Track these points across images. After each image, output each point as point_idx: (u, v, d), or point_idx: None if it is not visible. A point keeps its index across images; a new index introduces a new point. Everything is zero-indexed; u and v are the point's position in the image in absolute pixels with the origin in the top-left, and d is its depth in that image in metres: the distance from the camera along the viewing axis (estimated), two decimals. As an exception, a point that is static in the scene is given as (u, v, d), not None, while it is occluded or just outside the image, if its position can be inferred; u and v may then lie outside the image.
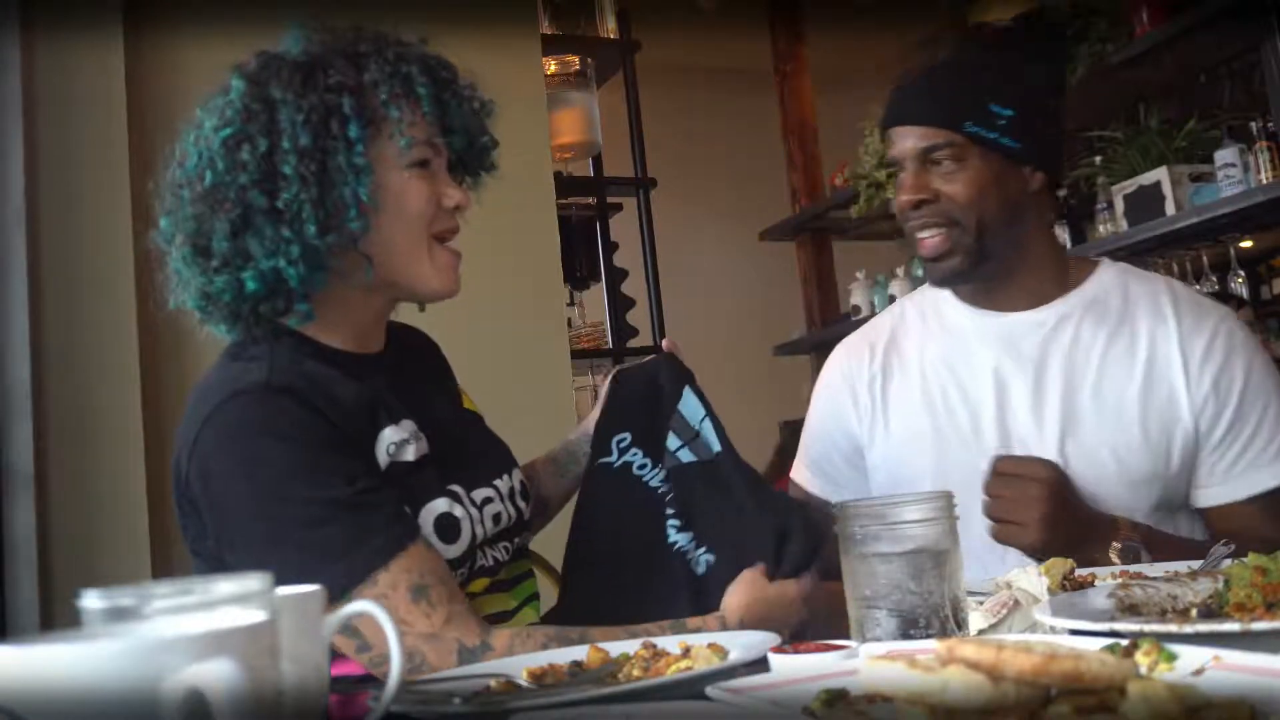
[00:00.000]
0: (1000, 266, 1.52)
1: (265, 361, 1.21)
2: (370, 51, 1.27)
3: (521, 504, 1.38)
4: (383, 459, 1.21)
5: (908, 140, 1.51)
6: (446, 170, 1.33)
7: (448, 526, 1.23)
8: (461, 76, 1.35)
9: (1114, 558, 1.29)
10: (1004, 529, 1.36)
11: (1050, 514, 1.34)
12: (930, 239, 1.50)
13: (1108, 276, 1.58)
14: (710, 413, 1.39)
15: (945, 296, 1.64)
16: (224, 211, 1.21)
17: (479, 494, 1.30)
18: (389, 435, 1.22)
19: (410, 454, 1.23)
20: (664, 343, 1.49)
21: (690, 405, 1.40)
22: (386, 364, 1.35)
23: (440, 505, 1.23)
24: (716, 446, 1.36)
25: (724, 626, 1.19)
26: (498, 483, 1.34)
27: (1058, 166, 1.57)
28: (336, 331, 1.30)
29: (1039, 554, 1.29)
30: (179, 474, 1.20)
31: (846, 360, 1.69)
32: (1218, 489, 1.48)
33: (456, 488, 1.27)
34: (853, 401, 1.65)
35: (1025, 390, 1.52)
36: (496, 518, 1.31)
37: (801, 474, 1.73)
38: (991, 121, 1.48)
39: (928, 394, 1.58)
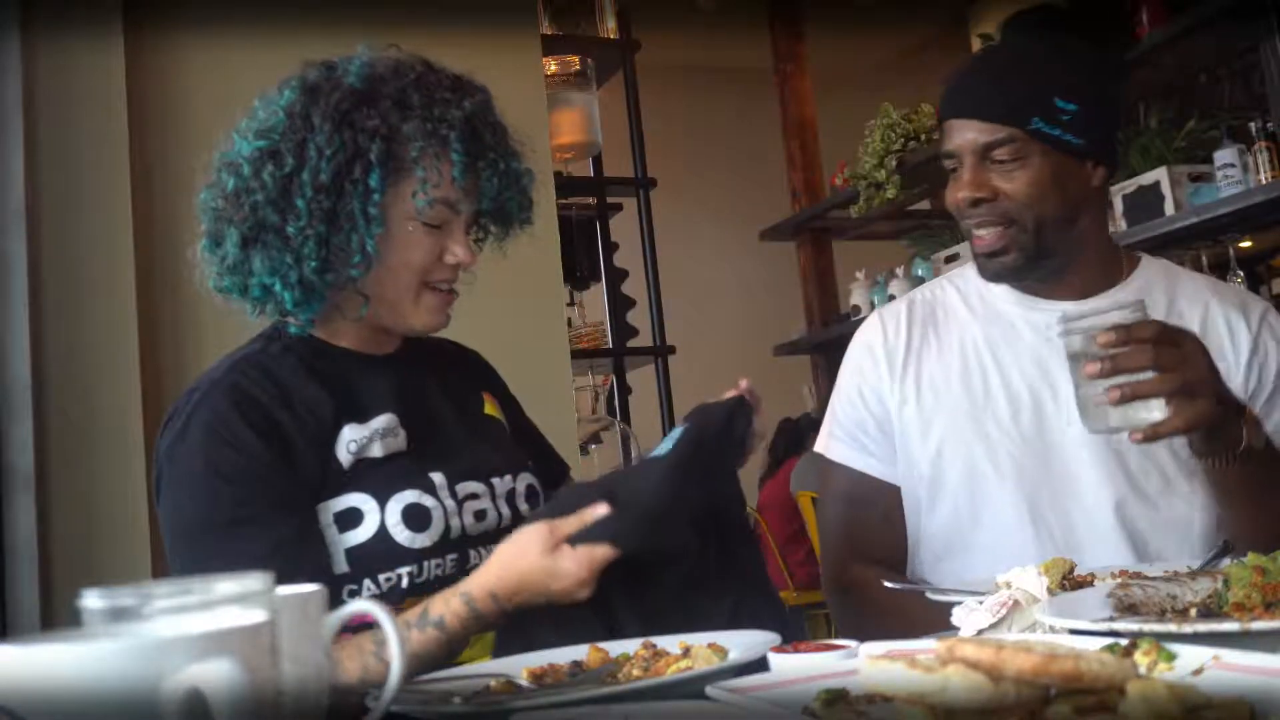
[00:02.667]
0: (1055, 263, 1.48)
1: (238, 357, 1.29)
2: (419, 102, 1.26)
3: (524, 507, 1.36)
4: (344, 457, 1.25)
5: (967, 134, 1.44)
6: (464, 226, 1.33)
7: (415, 515, 1.25)
8: (511, 141, 1.35)
9: None
10: (1187, 407, 1.19)
11: (1217, 384, 1.23)
12: (986, 236, 1.46)
13: (1152, 270, 1.56)
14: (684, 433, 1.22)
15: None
16: (238, 220, 1.24)
17: (463, 487, 1.30)
18: (348, 434, 1.26)
19: (378, 450, 1.27)
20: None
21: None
22: (394, 363, 1.38)
23: (409, 496, 1.25)
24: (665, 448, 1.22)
25: (469, 597, 1.13)
26: (495, 481, 1.34)
27: (1116, 158, 1.53)
28: (343, 333, 1.35)
29: (1207, 433, 1.24)
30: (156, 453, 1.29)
31: (881, 329, 1.63)
32: None
33: (437, 477, 1.28)
34: (888, 368, 1.59)
35: (1069, 381, 1.50)
36: (481, 514, 1.31)
37: (830, 446, 1.64)
38: (1055, 117, 1.42)
39: (967, 376, 1.54)
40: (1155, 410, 1.20)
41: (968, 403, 1.53)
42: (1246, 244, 3.86)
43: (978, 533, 1.50)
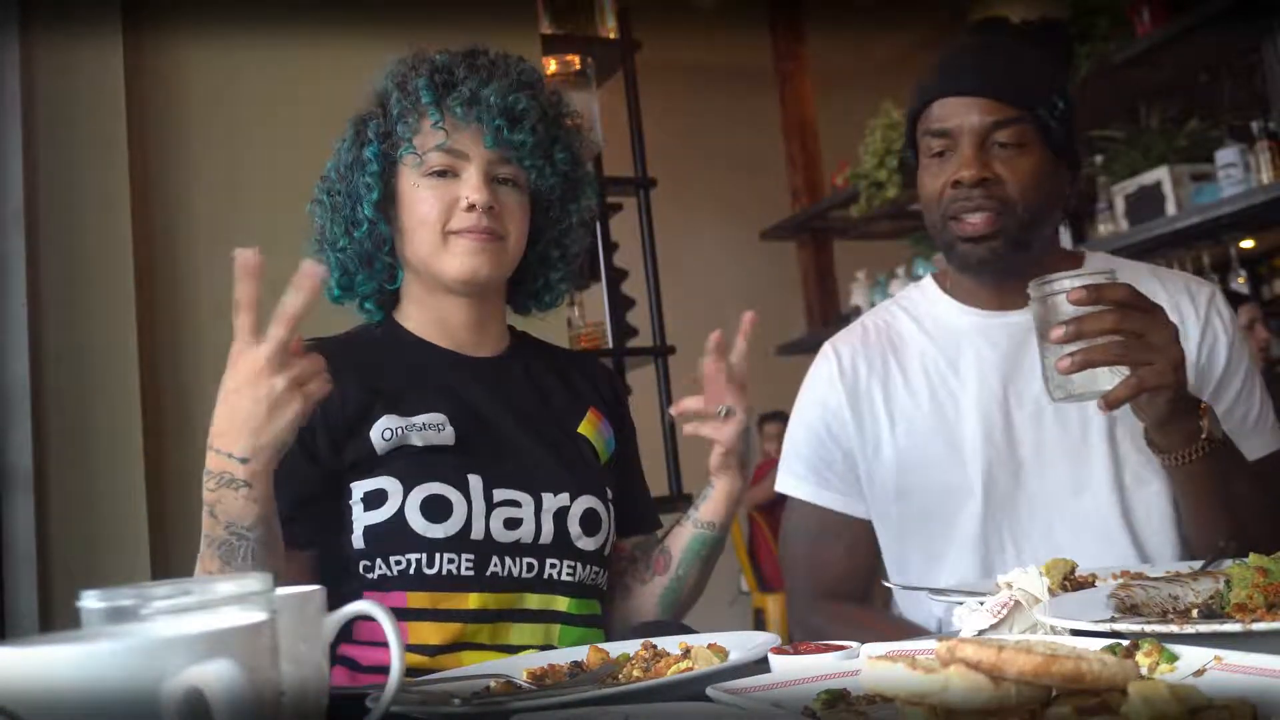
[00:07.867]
0: (1024, 259, 1.45)
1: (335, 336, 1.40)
2: (404, 76, 1.35)
3: (576, 530, 1.33)
4: (379, 443, 1.28)
5: (970, 114, 1.40)
6: (483, 170, 1.32)
7: (435, 505, 1.26)
8: (500, 72, 1.36)
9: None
10: (1148, 372, 1.17)
11: (1182, 357, 1.20)
12: (979, 219, 1.41)
13: (1098, 262, 1.54)
14: None
15: (938, 298, 1.58)
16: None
17: (501, 493, 1.29)
18: (385, 423, 1.29)
19: (417, 440, 1.29)
20: None
21: None
22: (483, 365, 1.41)
23: (434, 487, 1.27)
24: None
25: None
26: (545, 495, 1.32)
27: (1080, 167, 1.53)
28: (425, 326, 1.40)
29: (1170, 403, 1.21)
30: None
31: (837, 360, 1.60)
32: None
33: (474, 479, 1.29)
34: (851, 404, 1.56)
35: (1034, 392, 1.49)
36: (513, 523, 1.29)
37: (790, 483, 1.61)
38: (1053, 110, 1.42)
39: (936, 403, 1.52)
40: (1119, 376, 1.18)
41: (942, 428, 1.51)
42: (1248, 243, 3.86)
43: (949, 552, 1.49)
